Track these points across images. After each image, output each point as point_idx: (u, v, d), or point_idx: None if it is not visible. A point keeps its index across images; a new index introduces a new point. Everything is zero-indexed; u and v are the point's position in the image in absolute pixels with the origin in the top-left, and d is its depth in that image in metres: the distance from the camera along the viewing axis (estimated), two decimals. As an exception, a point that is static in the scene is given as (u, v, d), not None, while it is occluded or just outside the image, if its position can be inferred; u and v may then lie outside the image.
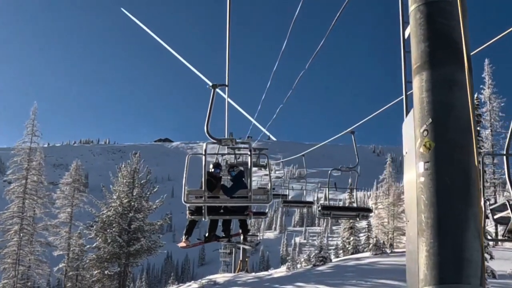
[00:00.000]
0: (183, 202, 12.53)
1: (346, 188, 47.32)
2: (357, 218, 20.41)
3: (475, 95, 47.41)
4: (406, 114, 5.81)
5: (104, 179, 50.86)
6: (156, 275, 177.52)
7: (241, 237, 18.51)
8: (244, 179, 15.12)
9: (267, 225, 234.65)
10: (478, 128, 30.84)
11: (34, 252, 51.71)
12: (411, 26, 5.30)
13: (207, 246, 15.86)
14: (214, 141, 12.29)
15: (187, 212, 14.61)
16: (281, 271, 50.23)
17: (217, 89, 12.37)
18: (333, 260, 49.90)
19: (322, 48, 15.20)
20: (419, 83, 5.06)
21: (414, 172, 4.98)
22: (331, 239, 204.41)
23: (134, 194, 48.22)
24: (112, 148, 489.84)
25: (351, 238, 57.08)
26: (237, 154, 21.65)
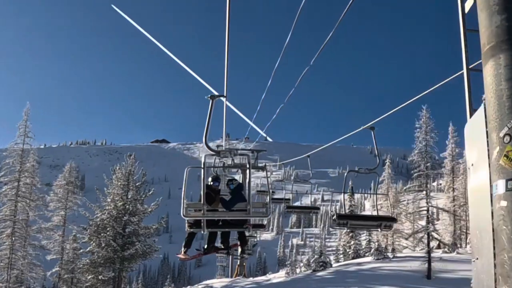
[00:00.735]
0: (182, 216, 12.36)
1: (358, 192, 46.07)
2: (379, 229, 17.26)
3: None
4: (471, 113, 4.38)
5: (101, 180, 49.67)
6: (153, 277, 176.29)
7: (239, 249, 18.87)
8: (243, 192, 14.89)
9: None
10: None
11: (27, 255, 50.39)
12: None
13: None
14: (213, 153, 12.40)
15: (186, 224, 14.30)
16: (280, 275, 49.00)
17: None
18: (334, 265, 48.72)
19: (321, 50, 14.50)
20: (494, 70, 3.53)
21: (487, 192, 3.59)
22: (328, 241, 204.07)
23: (129, 197, 47.05)
24: (109, 149, 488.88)
25: (352, 242, 55.77)
26: (235, 167, 19.92)
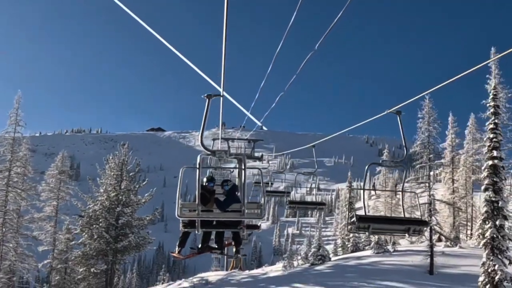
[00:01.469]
0: (177, 216, 12.24)
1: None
2: (407, 234, 15.07)
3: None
4: None
5: (96, 169, 48.33)
6: (148, 266, 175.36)
7: (234, 249, 17.70)
8: (237, 193, 14.54)
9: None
10: (496, 121, 28.33)
11: (18, 246, 49.24)
12: None
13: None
14: (208, 152, 12.21)
15: (181, 224, 14.07)
16: (277, 268, 47.81)
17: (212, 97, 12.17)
18: (332, 259, 47.50)
19: (327, 34, 12.87)
20: None
21: None
22: (324, 230, 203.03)
23: (122, 187, 45.88)
24: (104, 137, 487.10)
25: (351, 235, 54.50)
26: (230, 169, 21.54)
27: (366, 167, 13.74)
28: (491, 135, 27.39)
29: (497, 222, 25.35)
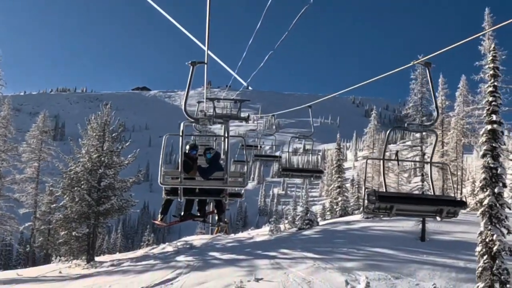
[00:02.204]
0: (159, 184, 12.34)
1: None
2: (438, 217, 11.20)
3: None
4: None
5: (81, 128, 46.88)
6: (133, 226, 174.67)
7: (216, 217, 17.78)
8: (220, 161, 14.96)
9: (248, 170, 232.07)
10: (496, 84, 26.98)
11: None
12: None
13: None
14: (192, 120, 11.99)
15: (163, 192, 14.22)
16: (264, 232, 46.74)
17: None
18: (320, 224, 46.47)
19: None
20: None
21: None
22: (310, 191, 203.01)
23: (105, 148, 44.46)
24: (89, 96, 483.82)
25: (339, 199, 53.36)
26: (215, 136, 21.75)
27: (388, 132, 11.58)
28: (490, 98, 26.06)
29: (495, 190, 24.19)
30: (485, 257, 23.58)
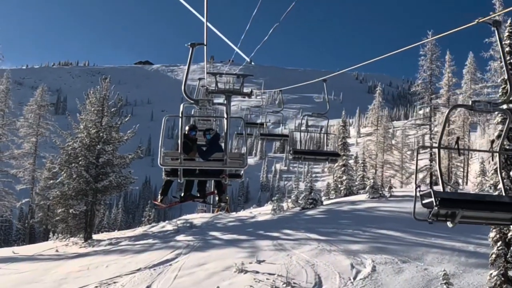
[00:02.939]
0: (159, 165, 12.45)
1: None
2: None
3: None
4: None
5: (80, 103, 45.81)
6: (134, 201, 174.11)
7: (216, 198, 17.32)
8: (220, 142, 14.97)
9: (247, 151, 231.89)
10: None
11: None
12: None
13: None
14: (191, 101, 12.12)
15: (163, 173, 13.96)
16: (266, 211, 45.64)
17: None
18: (325, 203, 45.27)
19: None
20: None
21: None
22: (312, 167, 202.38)
23: (103, 123, 43.32)
24: (91, 70, 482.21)
25: (344, 178, 52.06)
26: (213, 118, 22.20)
27: (448, 111, 9.25)
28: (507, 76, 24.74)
29: (511, 173, 22.98)
30: (499, 243, 22.48)
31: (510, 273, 22.20)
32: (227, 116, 12.81)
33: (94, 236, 44.49)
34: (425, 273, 24.87)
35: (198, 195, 16.93)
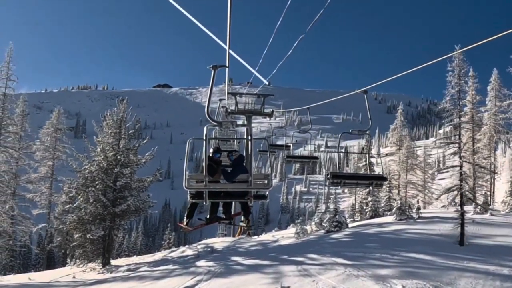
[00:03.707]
0: (184, 188, 12.68)
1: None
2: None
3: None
4: None
5: (97, 125, 45.10)
6: (154, 224, 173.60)
7: (242, 219, 18.04)
8: (244, 164, 15.03)
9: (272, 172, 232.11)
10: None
11: (15, 208, 46.42)
12: None
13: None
14: (215, 123, 12.32)
15: (188, 195, 14.05)
16: (289, 234, 44.38)
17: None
18: (350, 225, 43.89)
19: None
20: None
21: None
22: (332, 188, 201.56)
23: (121, 146, 42.31)
24: (111, 93, 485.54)
25: (369, 199, 50.69)
26: (237, 139, 22.48)
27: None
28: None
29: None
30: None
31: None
32: (249, 137, 14.47)
33: (113, 262, 43.45)
34: (459, 299, 23.72)
35: (224, 216, 17.42)
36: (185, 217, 17.56)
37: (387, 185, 54.15)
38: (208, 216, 17.09)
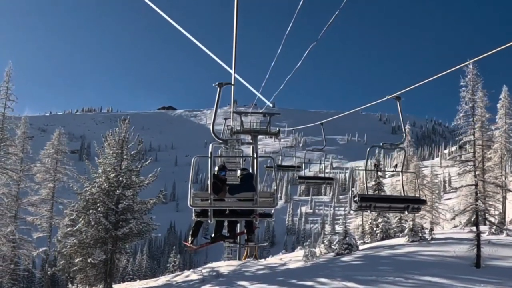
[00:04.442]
0: (189, 206, 12.60)
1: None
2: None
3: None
4: None
5: (98, 146, 44.15)
6: (159, 247, 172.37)
7: (246, 237, 17.71)
8: (253, 182, 14.22)
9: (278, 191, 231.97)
10: None
11: (15, 232, 45.35)
12: None
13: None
14: (220, 141, 12.53)
15: (193, 214, 14.16)
16: (297, 257, 42.97)
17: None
18: (360, 248, 42.47)
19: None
20: None
21: None
22: (338, 209, 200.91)
23: (123, 167, 41.05)
24: (115, 116, 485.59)
25: (380, 220, 49.28)
26: (243, 157, 21.93)
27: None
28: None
29: None
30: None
31: None
32: (255, 155, 13.36)
33: (115, 287, 42.26)
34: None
35: (229, 235, 17.12)
36: (189, 236, 17.30)
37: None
38: (213, 235, 16.80)
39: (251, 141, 39.78)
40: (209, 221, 13.70)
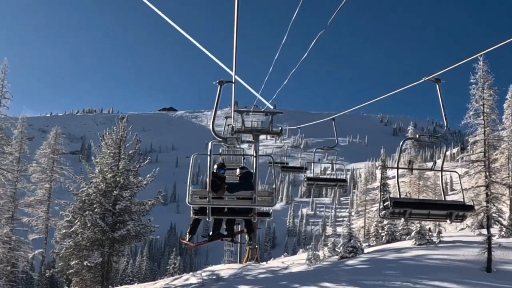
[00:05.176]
0: (187, 203, 12.68)
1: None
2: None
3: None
4: None
5: (95, 145, 43.15)
6: (159, 248, 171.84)
7: (246, 236, 19.01)
8: (252, 181, 14.27)
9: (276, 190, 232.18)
10: None
11: (12, 233, 44.46)
12: None
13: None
14: (220, 139, 12.69)
15: (191, 211, 14.34)
16: (300, 260, 41.80)
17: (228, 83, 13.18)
18: (366, 251, 41.27)
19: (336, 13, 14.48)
20: None
21: None
22: (339, 211, 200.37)
23: (120, 167, 39.94)
24: (116, 117, 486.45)
25: (385, 222, 48.16)
26: (243, 156, 22.21)
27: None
28: None
29: None
30: None
31: None
32: (255, 154, 13.76)
33: (112, 290, 41.14)
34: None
35: (226, 234, 17.26)
36: (187, 233, 17.58)
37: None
38: (210, 233, 17.07)
39: (252, 140, 38.80)
40: (207, 219, 13.80)
